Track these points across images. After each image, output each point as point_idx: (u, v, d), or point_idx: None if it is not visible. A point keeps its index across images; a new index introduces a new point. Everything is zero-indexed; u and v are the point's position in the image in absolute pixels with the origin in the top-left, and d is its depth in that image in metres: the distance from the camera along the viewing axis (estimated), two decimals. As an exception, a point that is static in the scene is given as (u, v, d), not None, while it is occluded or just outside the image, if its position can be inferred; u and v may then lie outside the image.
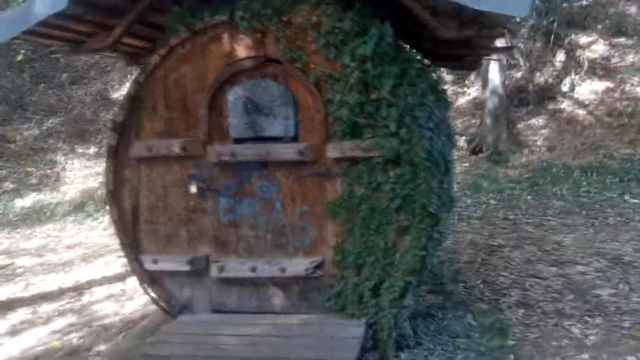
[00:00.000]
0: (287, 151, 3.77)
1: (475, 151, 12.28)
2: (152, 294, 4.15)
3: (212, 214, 3.99)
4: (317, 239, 3.90)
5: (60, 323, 5.22)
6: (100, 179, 11.37)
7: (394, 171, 3.68)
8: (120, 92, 14.77)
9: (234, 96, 3.84)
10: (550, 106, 13.47)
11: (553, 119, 13.25)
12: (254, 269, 3.90)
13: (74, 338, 4.83)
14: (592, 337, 4.03)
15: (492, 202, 9.28)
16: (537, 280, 5.39)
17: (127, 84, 11.88)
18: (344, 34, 3.56)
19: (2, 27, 3.39)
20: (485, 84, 12.11)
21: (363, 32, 3.56)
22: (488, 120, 12.01)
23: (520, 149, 12.06)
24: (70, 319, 5.33)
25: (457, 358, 3.76)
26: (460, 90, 14.82)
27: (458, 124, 13.52)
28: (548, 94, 13.85)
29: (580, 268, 5.62)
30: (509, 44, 10.61)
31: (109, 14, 3.86)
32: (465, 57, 4.94)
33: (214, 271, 3.96)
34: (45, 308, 5.64)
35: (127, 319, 5.17)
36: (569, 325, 4.27)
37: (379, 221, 3.76)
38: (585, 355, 3.78)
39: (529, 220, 7.97)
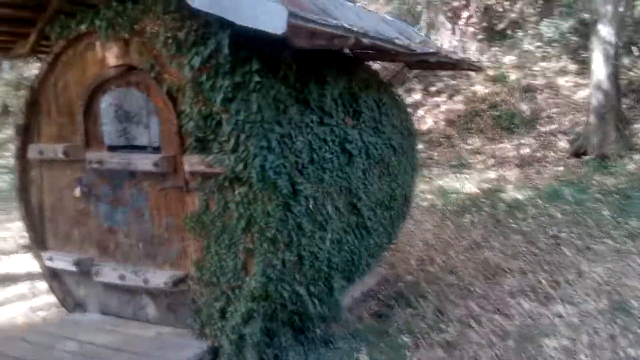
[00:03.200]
0: (144, 162, 3.71)
1: (578, 153, 10.80)
2: (53, 290, 4.39)
3: (95, 218, 4.09)
4: (181, 253, 3.80)
5: (44, 299, 5.73)
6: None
7: (239, 190, 3.43)
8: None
9: (105, 104, 3.87)
10: (688, 103, 11.35)
11: (687, 119, 11.15)
12: (122, 277, 3.92)
13: (39, 315, 5.29)
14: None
15: (558, 215, 8.10)
16: (496, 317, 4.64)
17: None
18: (178, 45, 3.37)
19: None
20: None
21: (202, 42, 3.34)
22: (592, 119, 10.46)
23: (631, 153, 10.33)
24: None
25: (297, 398, 3.43)
26: (581, 81, 13.10)
27: (565, 121, 12.01)
28: (688, 88, 11.69)
29: (562, 309, 4.71)
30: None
31: (17, 25, 4.11)
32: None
33: (93, 274, 4.06)
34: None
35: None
36: (465, 380, 3.64)
37: (230, 240, 3.55)
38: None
39: (577, 242, 6.83)
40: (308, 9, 3.69)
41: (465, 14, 13.69)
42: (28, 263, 7.00)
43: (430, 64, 5.31)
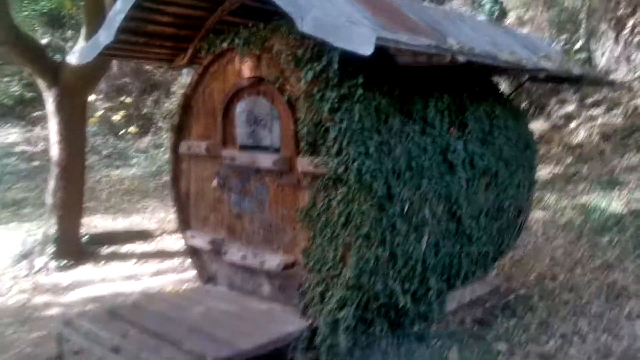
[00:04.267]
0: (266, 160, 4.30)
1: None
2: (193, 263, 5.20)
3: (227, 205, 4.79)
4: (292, 241, 4.34)
5: (191, 273, 6.65)
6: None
7: (340, 190, 3.86)
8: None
9: (239, 109, 4.53)
10: None
11: None
12: (244, 257, 4.56)
13: (183, 285, 6.21)
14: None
15: None
16: (604, 337, 4.57)
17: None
18: (297, 60, 3.90)
19: (83, 53, 4.87)
20: None
21: (316, 59, 3.84)
22: None
23: None
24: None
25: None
26: None
27: None
28: None
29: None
30: None
31: (179, 41, 4.96)
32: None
33: (222, 253, 4.77)
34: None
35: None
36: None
37: (331, 234, 3.99)
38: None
39: None
40: (418, 27, 4.04)
41: (630, 23, 12.71)
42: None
43: (551, 79, 5.29)
